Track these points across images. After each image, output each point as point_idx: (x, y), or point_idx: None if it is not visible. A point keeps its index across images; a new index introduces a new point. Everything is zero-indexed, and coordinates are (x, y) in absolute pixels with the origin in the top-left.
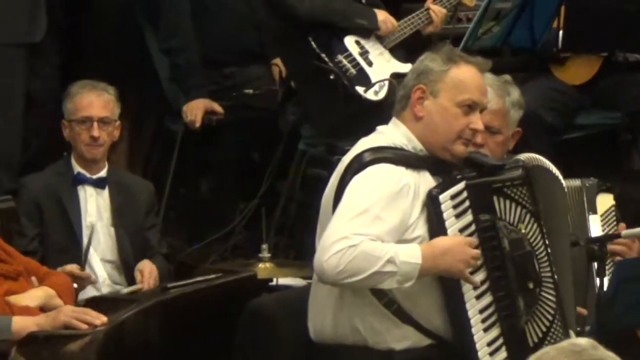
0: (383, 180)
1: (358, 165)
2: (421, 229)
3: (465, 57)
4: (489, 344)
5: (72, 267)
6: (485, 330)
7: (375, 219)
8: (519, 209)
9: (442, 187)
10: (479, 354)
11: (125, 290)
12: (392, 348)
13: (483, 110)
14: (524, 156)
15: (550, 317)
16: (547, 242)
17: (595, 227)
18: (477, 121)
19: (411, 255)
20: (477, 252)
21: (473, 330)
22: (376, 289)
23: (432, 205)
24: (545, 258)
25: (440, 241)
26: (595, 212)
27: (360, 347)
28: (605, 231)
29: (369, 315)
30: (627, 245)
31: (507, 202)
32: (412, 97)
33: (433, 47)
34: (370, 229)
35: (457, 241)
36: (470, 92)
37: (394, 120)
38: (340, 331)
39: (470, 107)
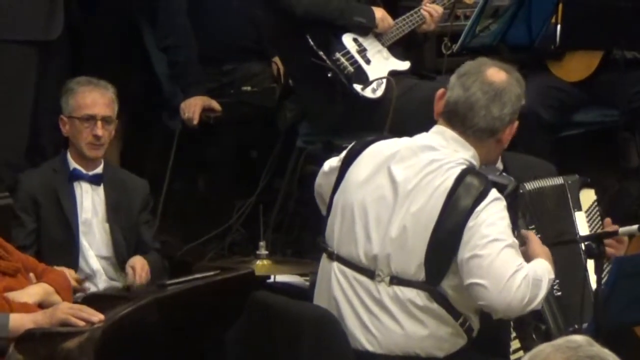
0: (504, 208)
1: (471, 191)
2: None
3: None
4: None
5: (71, 274)
6: None
7: (516, 245)
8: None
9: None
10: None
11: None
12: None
13: None
14: None
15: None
16: None
17: (582, 224)
18: None
19: (550, 271)
20: None
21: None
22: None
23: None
24: None
25: (545, 252)
26: (580, 209)
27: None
28: (591, 227)
29: (442, 333)
30: (613, 245)
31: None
32: (510, 131)
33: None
34: (520, 257)
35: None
36: None
37: (459, 140)
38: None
39: None
